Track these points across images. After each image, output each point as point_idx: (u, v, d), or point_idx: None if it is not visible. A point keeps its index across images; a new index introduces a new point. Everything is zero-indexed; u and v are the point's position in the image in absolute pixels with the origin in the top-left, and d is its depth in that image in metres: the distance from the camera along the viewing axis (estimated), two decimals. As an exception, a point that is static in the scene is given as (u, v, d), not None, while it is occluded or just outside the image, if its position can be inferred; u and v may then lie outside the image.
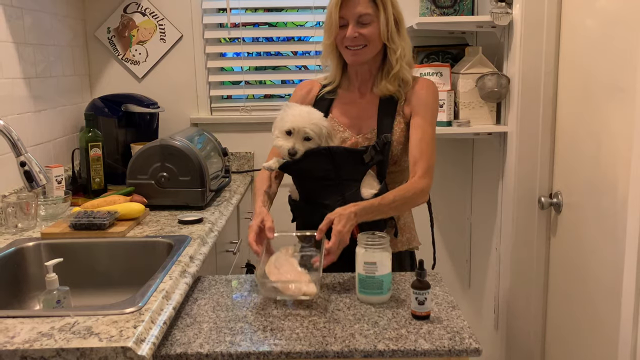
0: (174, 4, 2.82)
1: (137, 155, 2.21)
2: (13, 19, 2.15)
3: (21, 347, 1.12)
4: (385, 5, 1.74)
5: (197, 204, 2.19)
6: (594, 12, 1.92)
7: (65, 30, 2.61)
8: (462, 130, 2.52)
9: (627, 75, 1.67)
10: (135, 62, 2.86)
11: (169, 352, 1.27)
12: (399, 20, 1.79)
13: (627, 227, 1.58)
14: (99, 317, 1.24)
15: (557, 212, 2.21)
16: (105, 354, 1.12)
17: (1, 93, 2.06)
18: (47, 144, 2.39)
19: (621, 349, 1.63)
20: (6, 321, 1.23)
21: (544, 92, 2.25)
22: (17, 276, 1.71)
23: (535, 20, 2.21)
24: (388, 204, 1.64)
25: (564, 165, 2.17)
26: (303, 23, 2.93)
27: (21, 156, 1.51)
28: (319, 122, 1.72)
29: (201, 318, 1.43)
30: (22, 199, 1.91)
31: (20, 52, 2.20)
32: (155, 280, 1.44)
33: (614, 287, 1.74)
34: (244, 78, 2.95)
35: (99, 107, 2.59)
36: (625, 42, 1.69)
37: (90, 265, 1.79)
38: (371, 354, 1.26)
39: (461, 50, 2.79)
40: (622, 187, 1.71)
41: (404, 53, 1.79)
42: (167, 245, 1.78)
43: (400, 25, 1.79)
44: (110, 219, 1.87)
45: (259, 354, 1.26)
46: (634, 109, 1.56)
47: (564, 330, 2.19)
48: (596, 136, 1.90)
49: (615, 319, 1.72)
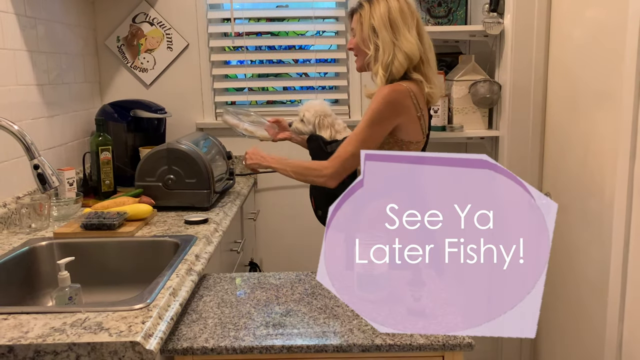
0: (180, 14, 2.82)
1: (145, 158, 2.21)
2: (27, 28, 2.15)
3: (35, 341, 1.12)
4: (363, 17, 1.87)
5: (203, 205, 2.19)
6: (582, 22, 1.93)
7: (77, 39, 2.61)
8: (456, 135, 2.52)
9: (614, 82, 1.68)
10: (144, 70, 2.86)
11: (175, 347, 1.27)
12: (377, 27, 1.85)
13: (613, 227, 1.59)
14: (109, 313, 1.24)
15: (547, 212, 2.21)
16: (115, 349, 1.12)
17: (16, 99, 2.07)
18: (59, 148, 2.39)
19: (608, 343, 1.63)
20: (20, 317, 1.23)
21: (533, 98, 2.25)
22: (30, 274, 1.71)
23: (526, 29, 2.22)
24: (291, 165, 1.93)
25: (553, 167, 2.18)
26: (304, 32, 2.94)
27: (35, 159, 1.51)
28: (313, 111, 2.10)
29: (206, 314, 1.43)
30: (35, 200, 1.91)
31: (34, 60, 2.20)
32: (163, 278, 1.44)
33: (601, 284, 1.74)
34: (248, 85, 2.96)
35: (109, 112, 2.59)
36: (612, 50, 1.70)
37: (101, 263, 1.79)
38: (369, 349, 1.27)
39: (455, 58, 2.80)
40: (608, 189, 1.71)
41: (377, 57, 1.87)
42: (174, 244, 1.78)
43: (378, 31, 1.85)
44: (120, 219, 1.87)
45: (261, 348, 1.27)
46: (620, 114, 1.56)
47: (553, 325, 2.19)
48: (584, 140, 1.90)
49: (602, 315, 1.72)
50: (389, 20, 1.84)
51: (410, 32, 1.84)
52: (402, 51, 1.83)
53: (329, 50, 2.91)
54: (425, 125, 1.89)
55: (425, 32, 1.90)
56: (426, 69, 1.87)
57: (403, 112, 1.82)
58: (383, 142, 1.86)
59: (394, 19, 1.84)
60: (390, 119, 1.82)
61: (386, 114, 1.82)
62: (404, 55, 1.82)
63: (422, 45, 1.87)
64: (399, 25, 1.84)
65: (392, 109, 1.81)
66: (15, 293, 1.61)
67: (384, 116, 1.82)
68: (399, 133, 1.85)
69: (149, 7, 2.81)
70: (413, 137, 1.86)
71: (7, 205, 1.92)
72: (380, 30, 1.84)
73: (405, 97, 1.81)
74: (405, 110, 1.82)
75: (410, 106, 1.82)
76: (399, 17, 1.84)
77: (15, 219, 1.94)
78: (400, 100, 1.81)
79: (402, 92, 1.81)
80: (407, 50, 1.82)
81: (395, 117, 1.82)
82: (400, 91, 1.81)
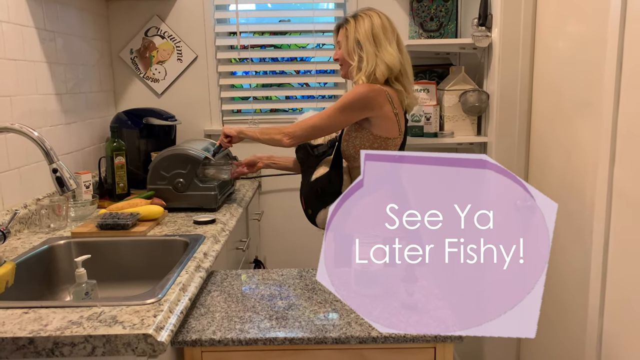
0: (189, 28, 2.83)
1: (157, 163, 2.22)
2: (46, 41, 2.16)
3: (53, 334, 1.12)
4: (349, 31, 1.93)
5: (210, 207, 2.19)
6: (565, 36, 1.93)
7: (93, 51, 2.62)
8: (447, 141, 2.53)
9: (594, 92, 1.68)
10: (155, 80, 2.87)
11: (185, 339, 1.27)
12: (361, 40, 1.91)
13: (593, 228, 1.59)
14: (123, 307, 1.24)
15: (532, 213, 2.21)
16: (128, 340, 1.12)
17: (36, 107, 2.07)
18: (76, 153, 2.40)
19: (589, 336, 1.63)
20: (40, 311, 1.23)
21: (519, 107, 2.26)
22: (49, 271, 1.72)
23: (512, 42, 2.23)
24: (259, 131, 2.04)
25: (538, 171, 2.18)
26: (305, 45, 2.94)
27: (53, 164, 1.51)
28: None
29: (214, 308, 1.43)
30: (54, 202, 1.92)
31: (53, 71, 2.20)
32: (173, 275, 1.44)
33: (582, 280, 1.74)
34: (252, 94, 2.96)
35: (123, 120, 2.59)
36: (592, 62, 1.70)
37: (115, 261, 1.79)
38: (365, 340, 1.27)
39: (446, 69, 2.80)
40: (589, 192, 1.71)
41: (360, 67, 1.92)
42: (184, 243, 1.78)
43: (362, 44, 1.91)
44: (133, 219, 1.87)
45: (265, 340, 1.27)
46: (600, 122, 1.56)
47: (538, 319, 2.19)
48: (566, 146, 1.90)
49: (584, 309, 1.73)
50: (372, 34, 1.90)
51: (391, 46, 1.90)
52: (383, 62, 1.88)
53: (328, 62, 2.92)
54: (402, 124, 1.94)
55: (404, 47, 1.97)
56: (404, 80, 1.95)
57: (375, 108, 1.87)
58: (363, 139, 1.91)
59: (377, 33, 1.89)
60: (358, 111, 1.88)
61: (356, 106, 1.88)
62: (385, 66, 1.88)
63: (402, 58, 1.92)
64: (381, 39, 1.89)
65: (364, 103, 1.87)
66: (36, 288, 1.62)
67: (353, 107, 1.88)
68: (372, 128, 1.90)
69: (161, 21, 2.81)
70: (389, 134, 1.91)
71: (27, 206, 1.92)
72: (364, 44, 1.90)
73: (379, 95, 1.87)
74: (377, 106, 1.87)
75: (383, 103, 1.87)
76: (381, 32, 1.89)
77: (35, 220, 1.95)
78: (374, 96, 1.86)
79: (377, 90, 1.87)
80: (388, 61, 1.88)
81: (364, 110, 1.88)
82: (375, 89, 1.87)
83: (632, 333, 1.41)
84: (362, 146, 1.92)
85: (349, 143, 1.95)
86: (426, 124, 2.52)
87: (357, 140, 1.93)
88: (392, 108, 1.88)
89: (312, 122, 1.91)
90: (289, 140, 1.94)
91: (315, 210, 1.98)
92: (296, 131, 1.93)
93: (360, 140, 1.92)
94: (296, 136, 1.94)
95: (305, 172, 2.03)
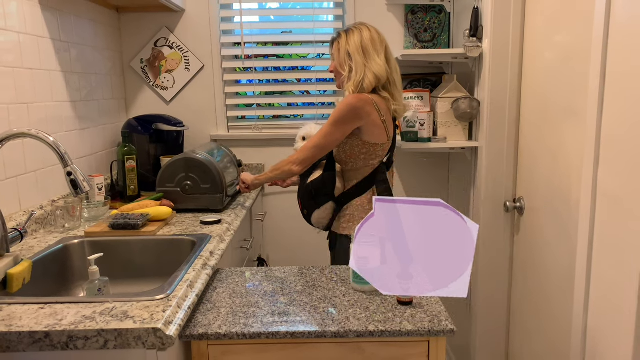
0: (196, 39, 2.84)
1: (166, 166, 2.22)
2: (61, 51, 2.17)
3: (68, 328, 1.12)
4: (340, 44, 1.95)
5: (216, 208, 2.19)
6: (552, 46, 1.94)
7: (105, 61, 2.63)
8: (440, 145, 2.53)
9: (579, 100, 1.69)
10: (164, 88, 2.87)
11: (192, 333, 1.27)
12: (351, 52, 1.93)
13: (579, 228, 1.59)
14: (134, 303, 1.25)
15: (520, 214, 2.22)
16: (138, 334, 1.12)
17: (52, 114, 2.08)
18: (89, 157, 2.40)
19: (574, 331, 1.63)
20: (55, 306, 1.23)
21: (509, 113, 2.26)
22: (64, 268, 1.72)
23: (502, 52, 2.23)
24: (270, 171, 2.05)
25: (526, 174, 2.18)
26: (305, 55, 2.95)
27: (68, 167, 1.52)
28: (311, 134, 2.14)
29: (219, 304, 1.43)
30: (68, 203, 1.92)
31: (67, 80, 2.21)
32: (181, 272, 1.45)
33: (568, 277, 1.75)
34: (256, 101, 2.97)
35: (134, 125, 2.60)
36: (578, 72, 1.71)
37: (126, 259, 1.79)
38: (363, 334, 1.27)
39: (439, 77, 2.81)
40: (574, 194, 1.72)
41: (350, 77, 1.93)
42: (191, 242, 1.78)
43: (352, 56, 1.93)
44: (143, 220, 1.87)
45: (268, 334, 1.27)
46: (585, 127, 1.57)
47: (525, 316, 2.19)
48: (553, 151, 1.91)
49: (569, 307, 1.73)
50: (361, 46, 1.92)
51: (380, 57, 1.91)
52: (372, 72, 1.89)
53: (328, 71, 2.92)
54: (390, 130, 1.95)
55: (393, 58, 1.98)
56: (392, 89, 1.96)
57: (364, 117, 1.88)
58: (352, 145, 1.92)
59: (366, 46, 1.91)
60: (351, 122, 1.89)
61: (348, 118, 1.88)
62: (373, 75, 1.89)
63: (389, 68, 1.94)
64: (370, 51, 1.91)
65: (354, 113, 1.88)
66: (51, 285, 1.62)
67: (345, 119, 1.89)
68: (362, 135, 1.92)
69: (169, 32, 2.82)
70: (378, 140, 1.92)
71: (43, 207, 1.93)
72: (354, 55, 1.92)
73: (366, 104, 1.88)
74: (366, 115, 1.88)
75: (371, 112, 1.89)
76: (369, 45, 1.91)
77: (50, 220, 1.95)
78: (362, 106, 1.87)
79: (364, 99, 1.88)
80: (375, 71, 1.89)
81: (356, 120, 1.89)
82: (362, 99, 1.88)
83: (614, 327, 1.42)
84: (353, 152, 1.93)
85: (340, 149, 1.97)
86: (420, 130, 2.52)
87: (347, 146, 1.94)
88: (380, 115, 1.89)
89: (313, 144, 1.92)
90: (298, 166, 1.95)
91: (310, 210, 2.00)
92: (300, 156, 1.95)
93: (351, 146, 1.93)
94: (303, 160, 1.94)
95: (303, 176, 2.04)
